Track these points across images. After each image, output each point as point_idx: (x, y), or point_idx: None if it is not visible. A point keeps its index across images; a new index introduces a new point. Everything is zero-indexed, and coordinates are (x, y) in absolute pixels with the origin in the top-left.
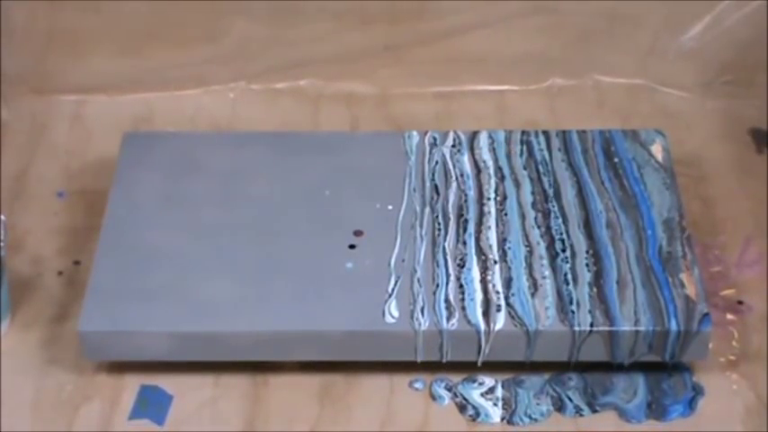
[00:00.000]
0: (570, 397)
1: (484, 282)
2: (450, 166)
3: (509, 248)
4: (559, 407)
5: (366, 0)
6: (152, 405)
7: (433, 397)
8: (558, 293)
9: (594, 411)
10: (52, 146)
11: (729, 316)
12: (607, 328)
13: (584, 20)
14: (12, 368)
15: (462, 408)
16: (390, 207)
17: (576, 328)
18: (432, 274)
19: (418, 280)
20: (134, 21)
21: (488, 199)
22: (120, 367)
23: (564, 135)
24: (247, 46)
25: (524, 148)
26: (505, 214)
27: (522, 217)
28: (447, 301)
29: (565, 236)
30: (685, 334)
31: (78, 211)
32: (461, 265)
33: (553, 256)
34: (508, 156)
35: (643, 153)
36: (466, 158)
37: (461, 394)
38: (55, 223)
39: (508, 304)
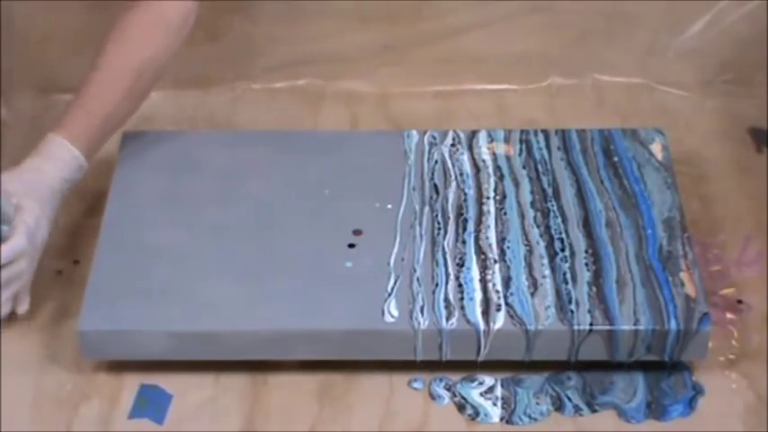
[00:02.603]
0: (569, 396)
1: (483, 281)
2: (450, 166)
3: (508, 248)
4: (558, 406)
5: (366, 0)
6: (152, 404)
7: (433, 396)
8: (557, 293)
9: (594, 411)
10: None
11: (729, 315)
12: (606, 328)
13: (583, 19)
14: (11, 367)
15: (461, 407)
16: (390, 206)
17: (576, 328)
18: (431, 274)
19: (418, 279)
20: None
21: (488, 198)
22: (120, 366)
23: (563, 134)
24: (247, 45)
25: (524, 147)
26: (504, 213)
27: (522, 216)
28: (446, 300)
29: (564, 235)
30: (685, 333)
31: (78, 211)
32: (461, 265)
33: (552, 256)
34: (507, 157)
35: (643, 152)
36: (465, 157)
37: (460, 393)
38: (54, 222)
39: (507, 303)
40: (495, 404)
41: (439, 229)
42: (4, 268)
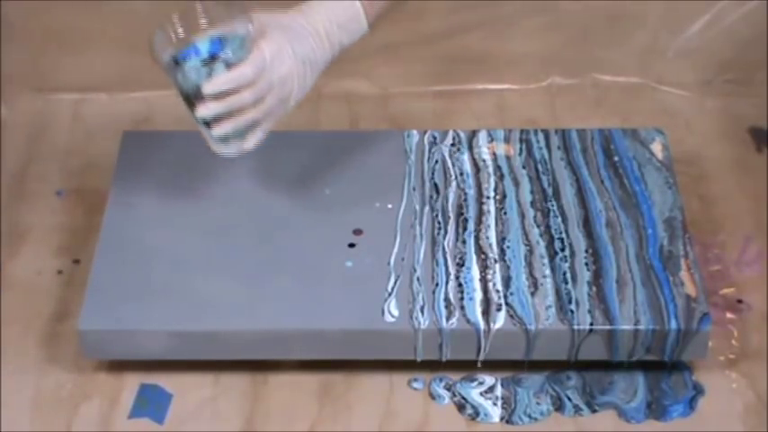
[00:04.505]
0: (569, 396)
1: (483, 281)
2: (450, 165)
3: (508, 247)
4: (558, 406)
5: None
6: (152, 404)
7: (433, 396)
8: (558, 293)
9: (594, 411)
10: (52, 145)
11: (729, 315)
12: (607, 328)
13: (583, 18)
14: (11, 367)
15: (461, 407)
16: (390, 206)
17: (576, 328)
18: (431, 273)
19: (418, 279)
20: (133, 19)
21: (488, 198)
22: (120, 366)
23: (563, 134)
24: None
25: (524, 146)
26: (505, 213)
27: (522, 216)
28: (446, 299)
29: (564, 235)
30: (685, 333)
31: (78, 210)
32: (461, 264)
33: (552, 255)
34: (507, 157)
35: (643, 152)
36: (465, 157)
37: (460, 393)
38: (54, 222)
39: (507, 303)
40: (495, 404)
41: (439, 228)
42: (219, 98)
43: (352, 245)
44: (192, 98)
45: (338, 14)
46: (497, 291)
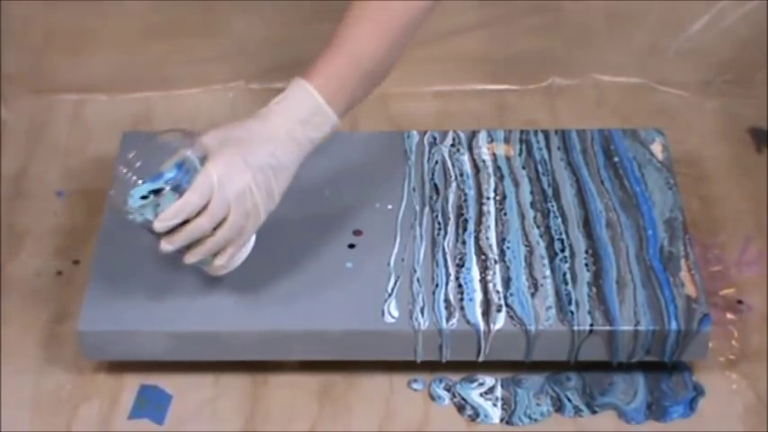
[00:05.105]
0: (569, 397)
1: (483, 281)
2: (450, 166)
3: (508, 248)
4: (558, 407)
5: (365, 0)
6: (151, 405)
7: (433, 397)
8: (557, 293)
9: (594, 412)
10: (52, 145)
11: (729, 315)
12: (607, 328)
13: (583, 19)
14: (11, 368)
15: (461, 408)
16: (390, 206)
17: (576, 329)
18: (431, 274)
19: (418, 279)
20: (133, 20)
21: (488, 198)
22: (120, 367)
23: (563, 134)
24: (247, 45)
25: (524, 147)
26: (505, 214)
27: (522, 216)
28: (446, 300)
29: (564, 236)
30: (685, 334)
31: (78, 211)
32: (461, 265)
33: (552, 256)
34: (507, 157)
35: (643, 152)
36: (465, 158)
37: (460, 394)
38: (54, 223)
39: (507, 304)
40: (495, 405)
41: (439, 229)
42: (176, 231)
43: (351, 245)
44: (156, 233)
45: (298, 112)
46: (497, 291)
